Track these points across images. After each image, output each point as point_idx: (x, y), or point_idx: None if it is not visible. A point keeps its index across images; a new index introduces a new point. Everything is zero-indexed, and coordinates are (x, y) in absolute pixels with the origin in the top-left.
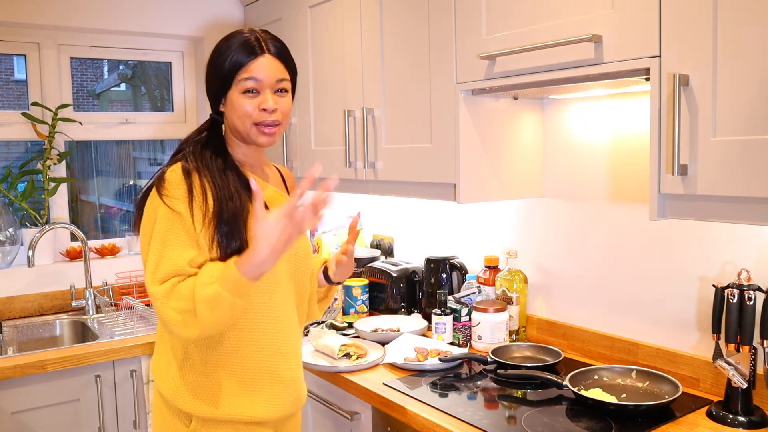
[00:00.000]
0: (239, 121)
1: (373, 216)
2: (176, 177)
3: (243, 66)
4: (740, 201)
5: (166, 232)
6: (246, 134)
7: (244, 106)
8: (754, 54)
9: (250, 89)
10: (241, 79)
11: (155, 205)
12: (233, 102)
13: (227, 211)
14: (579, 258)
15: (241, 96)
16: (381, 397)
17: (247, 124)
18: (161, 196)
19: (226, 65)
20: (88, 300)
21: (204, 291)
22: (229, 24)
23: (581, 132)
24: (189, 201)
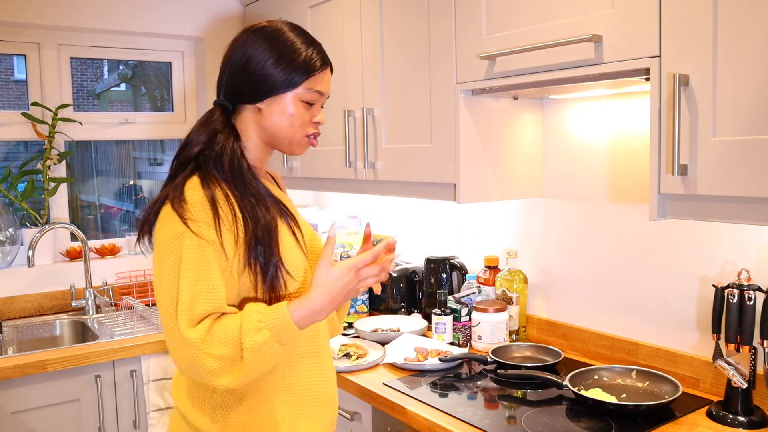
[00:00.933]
0: (289, 128)
1: (373, 216)
2: (198, 196)
3: (315, 74)
4: (740, 201)
5: (197, 264)
6: (290, 141)
7: (303, 115)
8: (754, 54)
9: (311, 101)
10: (308, 87)
11: (178, 232)
12: (289, 107)
13: (261, 230)
14: (579, 258)
15: (300, 103)
16: (381, 397)
17: (298, 132)
18: (185, 220)
19: (296, 64)
20: (88, 300)
21: (253, 338)
22: (229, 24)
23: (581, 132)
24: (216, 224)
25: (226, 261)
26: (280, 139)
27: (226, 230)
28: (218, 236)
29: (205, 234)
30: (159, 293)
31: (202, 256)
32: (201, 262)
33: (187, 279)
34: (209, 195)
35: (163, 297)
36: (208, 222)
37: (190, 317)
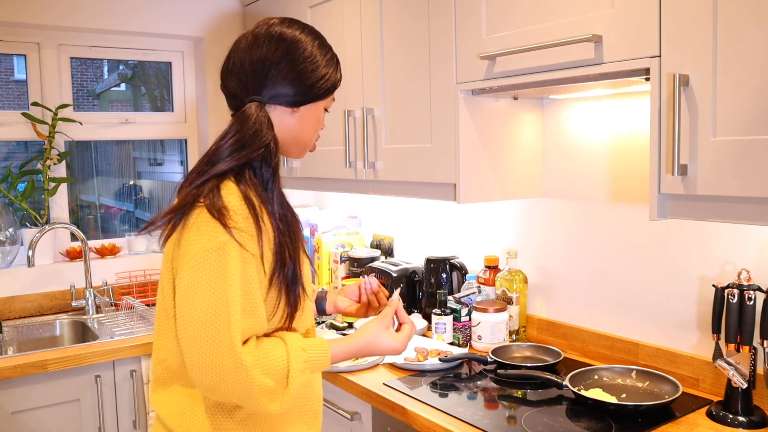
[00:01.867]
0: (312, 134)
1: (373, 216)
2: (238, 203)
3: (338, 86)
4: (740, 201)
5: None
6: (305, 146)
7: (321, 120)
8: (754, 54)
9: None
10: (332, 99)
11: (221, 241)
12: (315, 114)
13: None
14: (579, 258)
15: (323, 112)
16: (381, 397)
17: (313, 137)
18: (228, 228)
19: (333, 76)
20: (88, 300)
21: (299, 379)
22: (229, 24)
23: (581, 132)
24: (259, 237)
25: (264, 277)
26: (299, 143)
27: (265, 246)
28: (260, 249)
29: (249, 246)
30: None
31: (247, 269)
32: (247, 276)
33: (235, 293)
34: (248, 200)
35: (202, 311)
36: (252, 233)
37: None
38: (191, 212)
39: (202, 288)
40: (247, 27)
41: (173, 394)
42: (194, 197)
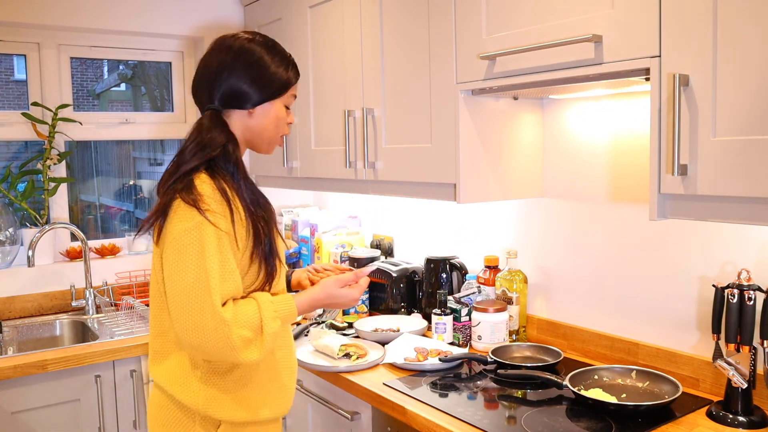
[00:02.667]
0: (274, 130)
1: (373, 216)
2: (210, 189)
3: (294, 83)
4: (740, 201)
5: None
6: (270, 141)
7: (283, 117)
8: (754, 54)
9: (290, 105)
10: (290, 95)
11: (197, 222)
12: (275, 112)
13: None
14: (579, 258)
15: (283, 109)
16: (381, 397)
17: (278, 133)
18: (202, 210)
19: (285, 76)
20: (88, 300)
21: (272, 326)
22: (229, 24)
23: (581, 132)
24: (231, 218)
25: (238, 252)
26: (263, 139)
27: (238, 223)
28: (233, 228)
29: (222, 225)
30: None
31: (221, 243)
32: (221, 248)
33: (213, 263)
34: (221, 188)
35: (186, 281)
36: (224, 214)
37: (215, 298)
38: (171, 205)
39: (185, 262)
40: (247, 27)
41: (172, 362)
42: (172, 193)
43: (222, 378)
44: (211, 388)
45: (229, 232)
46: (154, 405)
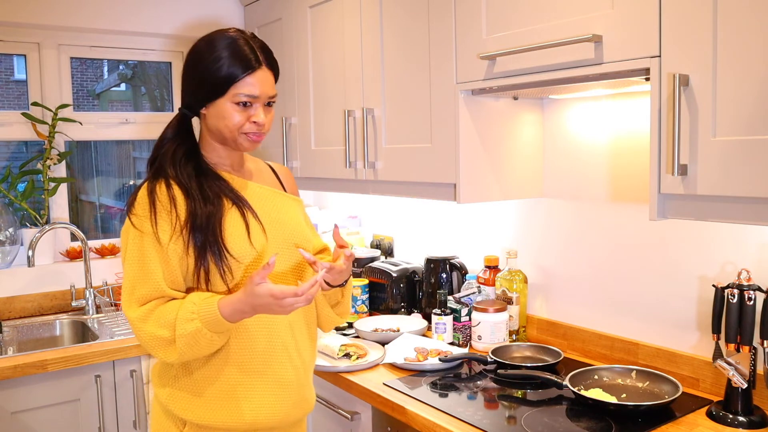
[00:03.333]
0: (226, 129)
1: (373, 216)
2: (143, 193)
3: (239, 79)
4: (740, 201)
5: (138, 253)
6: (232, 141)
7: (235, 117)
8: (754, 54)
9: (243, 102)
10: (236, 93)
11: (125, 228)
12: (222, 111)
13: (200, 218)
14: (579, 258)
15: (233, 107)
16: (381, 397)
17: (235, 132)
18: (128, 215)
19: (220, 74)
20: (88, 300)
21: (185, 327)
22: (229, 24)
23: (581, 132)
24: (152, 215)
25: (160, 248)
26: (225, 138)
27: (162, 220)
28: (153, 226)
29: (143, 226)
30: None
31: (140, 245)
32: (139, 250)
33: (130, 266)
34: (149, 190)
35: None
36: (146, 215)
37: (132, 298)
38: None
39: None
40: (247, 27)
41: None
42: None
43: (188, 376)
44: (177, 384)
45: (149, 231)
46: (152, 406)
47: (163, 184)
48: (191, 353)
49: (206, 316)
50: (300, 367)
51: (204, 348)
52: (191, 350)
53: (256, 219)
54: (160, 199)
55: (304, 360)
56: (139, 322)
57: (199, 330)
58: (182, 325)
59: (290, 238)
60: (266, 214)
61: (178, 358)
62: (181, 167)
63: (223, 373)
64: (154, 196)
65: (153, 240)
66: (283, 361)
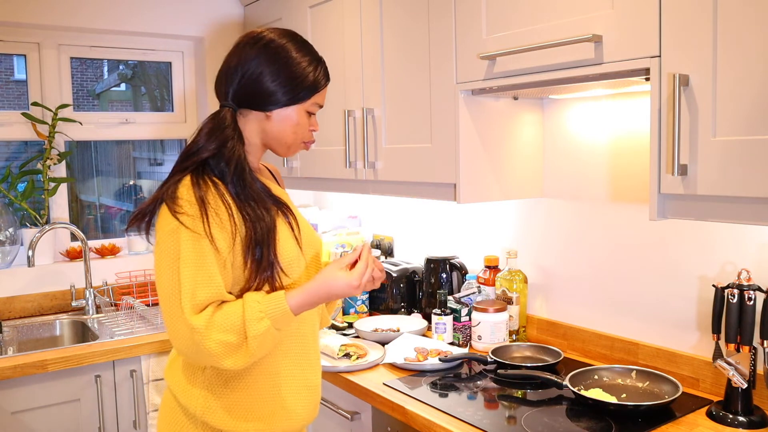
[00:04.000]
0: (292, 135)
1: (373, 216)
2: (188, 194)
3: (320, 89)
4: (740, 201)
5: (195, 255)
6: (289, 146)
7: (305, 124)
8: (754, 54)
9: (314, 112)
10: (314, 102)
11: (173, 227)
12: (294, 116)
13: (261, 231)
14: (579, 258)
15: (305, 115)
16: (381, 397)
17: (298, 139)
18: (176, 215)
19: (309, 80)
20: (88, 300)
21: (256, 327)
22: (229, 24)
23: (581, 132)
24: (205, 220)
25: (218, 254)
26: (281, 143)
27: (216, 227)
28: (207, 231)
29: (198, 228)
30: (160, 284)
31: (198, 247)
32: (198, 253)
33: (187, 269)
34: (198, 194)
35: (165, 287)
36: (196, 215)
37: (193, 304)
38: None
39: (162, 267)
40: (247, 27)
41: (181, 364)
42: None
43: (223, 386)
44: (211, 394)
45: (204, 234)
46: (164, 405)
47: (209, 184)
48: (260, 354)
49: (274, 312)
50: (319, 369)
51: (268, 347)
52: (260, 350)
53: (298, 228)
54: (211, 200)
55: (320, 362)
56: (204, 329)
57: (269, 329)
58: (253, 326)
59: (317, 248)
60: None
61: (247, 362)
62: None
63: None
64: (204, 201)
65: (210, 244)
66: (313, 365)
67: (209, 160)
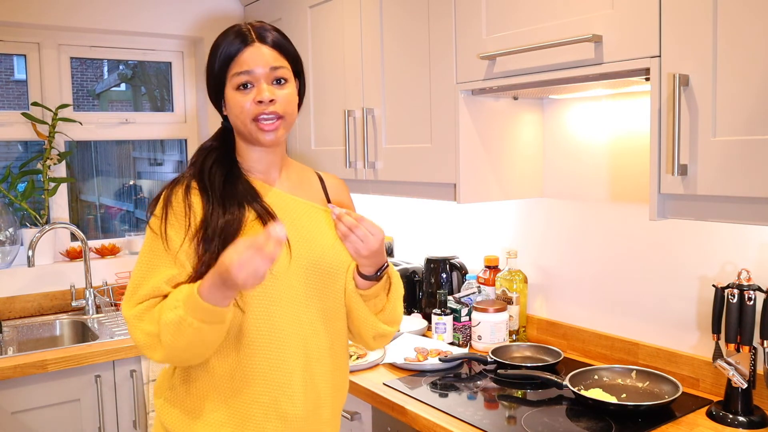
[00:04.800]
0: (238, 120)
1: (373, 216)
2: (163, 194)
3: (233, 59)
4: (740, 201)
5: (149, 254)
6: (248, 133)
7: (239, 101)
8: (754, 54)
9: (243, 83)
10: (233, 74)
11: (147, 228)
12: (229, 101)
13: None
14: (579, 258)
15: (235, 92)
16: (381, 397)
17: (246, 121)
18: (148, 214)
19: (217, 62)
20: (88, 300)
21: (168, 315)
22: (229, 24)
23: (581, 132)
24: (164, 218)
25: (169, 251)
26: (242, 134)
27: (172, 224)
28: (163, 229)
29: (156, 226)
30: None
31: (152, 245)
32: (150, 250)
33: (138, 267)
34: (167, 197)
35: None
36: (161, 216)
37: (134, 298)
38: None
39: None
40: None
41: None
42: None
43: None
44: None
45: (159, 232)
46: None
47: (183, 187)
48: (178, 345)
49: (189, 301)
50: (314, 400)
51: (193, 339)
52: (176, 340)
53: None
54: (174, 201)
55: (320, 393)
56: (134, 320)
57: (182, 318)
58: (165, 313)
59: (318, 259)
60: (296, 230)
61: (166, 354)
62: (210, 171)
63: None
64: (170, 197)
65: (163, 243)
66: (293, 394)
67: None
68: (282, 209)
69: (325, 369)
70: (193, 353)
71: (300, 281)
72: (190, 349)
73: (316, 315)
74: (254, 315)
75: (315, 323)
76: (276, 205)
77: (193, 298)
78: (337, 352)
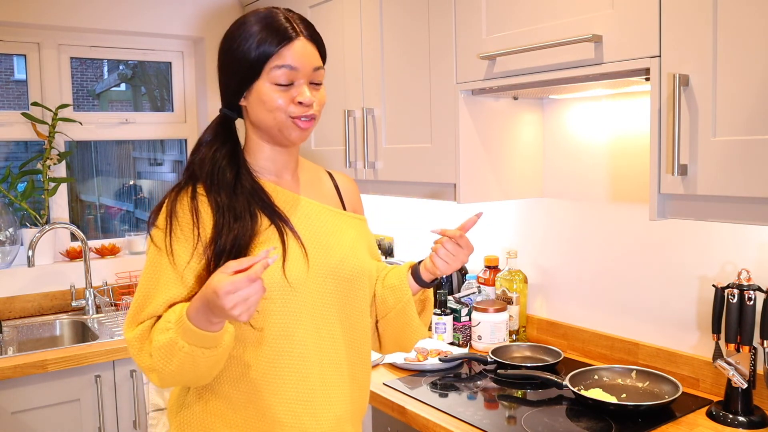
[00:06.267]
0: (270, 116)
1: (373, 216)
2: (166, 202)
3: (275, 53)
4: (740, 201)
5: (151, 271)
6: (278, 129)
7: (276, 99)
8: (754, 54)
9: (284, 79)
10: (273, 67)
11: (149, 240)
12: (262, 95)
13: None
14: (579, 258)
15: (272, 88)
16: (381, 397)
17: (280, 118)
18: (149, 225)
19: (253, 53)
20: (88, 300)
21: (159, 337)
22: (229, 24)
23: (581, 132)
24: (168, 230)
25: (175, 268)
26: (269, 130)
27: (178, 237)
28: (168, 243)
29: (160, 242)
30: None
31: (156, 261)
32: (154, 267)
33: (142, 283)
34: (170, 207)
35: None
36: (165, 228)
37: (136, 318)
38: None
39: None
40: None
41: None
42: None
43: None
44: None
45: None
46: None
47: (188, 194)
48: (171, 369)
49: (180, 324)
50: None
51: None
52: (168, 365)
53: (298, 243)
54: (179, 211)
55: (342, 408)
56: (137, 342)
57: (172, 341)
58: (157, 335)
59: (337, 266)
60: (313, 236)
61: (160, 379)
62: (217, 174)
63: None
64: (175, 206)
65: (168, 258)
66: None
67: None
68: (297, 214)
69: (344, 381)
70: (187, 378)
71: (318, 291)
72: (182, 374)
73: (336, 325)
74: (273, 332)
75: (335, 335)
76: (290, 210)
77: (184, 320)
78: (356, 362)
